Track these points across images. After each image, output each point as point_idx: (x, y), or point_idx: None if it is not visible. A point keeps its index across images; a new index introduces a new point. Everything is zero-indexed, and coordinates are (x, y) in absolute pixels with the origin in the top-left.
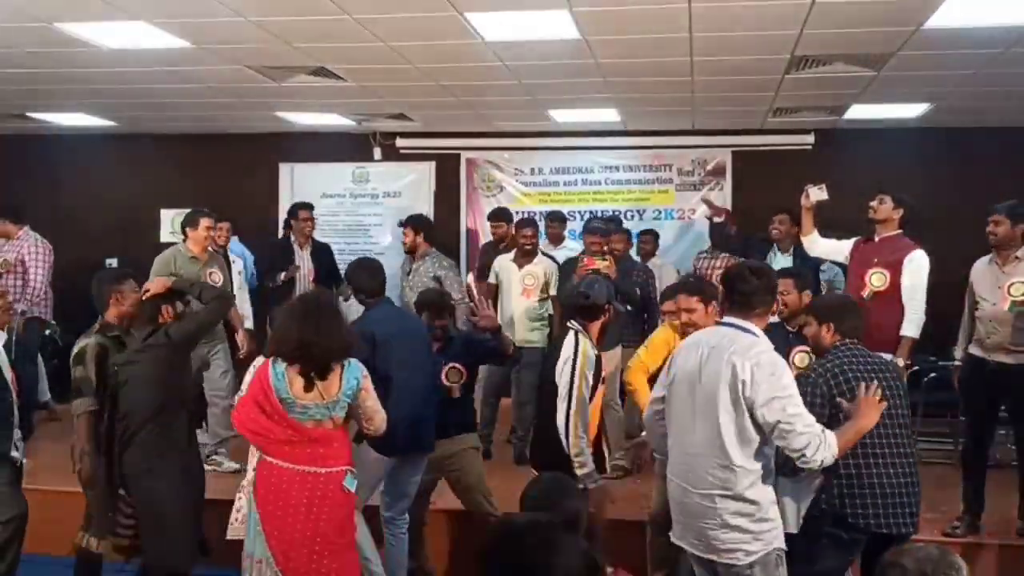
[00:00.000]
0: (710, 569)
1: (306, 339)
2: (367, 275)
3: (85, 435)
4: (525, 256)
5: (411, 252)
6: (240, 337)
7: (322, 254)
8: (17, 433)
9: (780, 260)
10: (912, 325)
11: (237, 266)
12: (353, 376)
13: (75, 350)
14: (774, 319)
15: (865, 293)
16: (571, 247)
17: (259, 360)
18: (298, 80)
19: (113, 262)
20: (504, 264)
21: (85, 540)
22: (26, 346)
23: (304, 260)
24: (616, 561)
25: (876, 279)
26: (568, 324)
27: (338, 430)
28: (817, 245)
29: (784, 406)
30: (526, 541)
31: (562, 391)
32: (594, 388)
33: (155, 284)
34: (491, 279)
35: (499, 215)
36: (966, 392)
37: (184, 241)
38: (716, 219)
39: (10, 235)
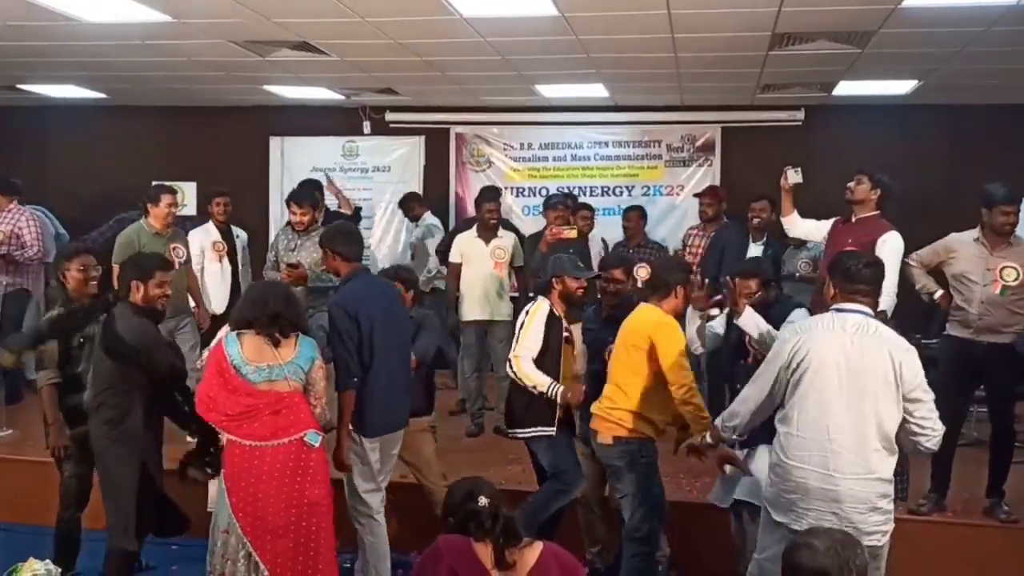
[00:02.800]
0: None
1: (278, 311)
2: (350, 240)
3: (49, 407)
4: (489, 230)
5: (305, 229)
6: (199, 312)
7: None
8: None
9: (753, 249)
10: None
11: (241, 240)
12: (309, 348)
13: (41, 322)
14: None
15: None
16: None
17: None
18: (282, 55)
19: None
20: (468, 240)
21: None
22: (12, 318)
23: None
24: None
25: None
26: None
27: (295, 393)
28: (796, 226)
29: (926, 390)
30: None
31: (513, 343)
32: (556, 346)
33: None
34: (455, 258)
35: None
36: (947, 373)
37: (145, 217)
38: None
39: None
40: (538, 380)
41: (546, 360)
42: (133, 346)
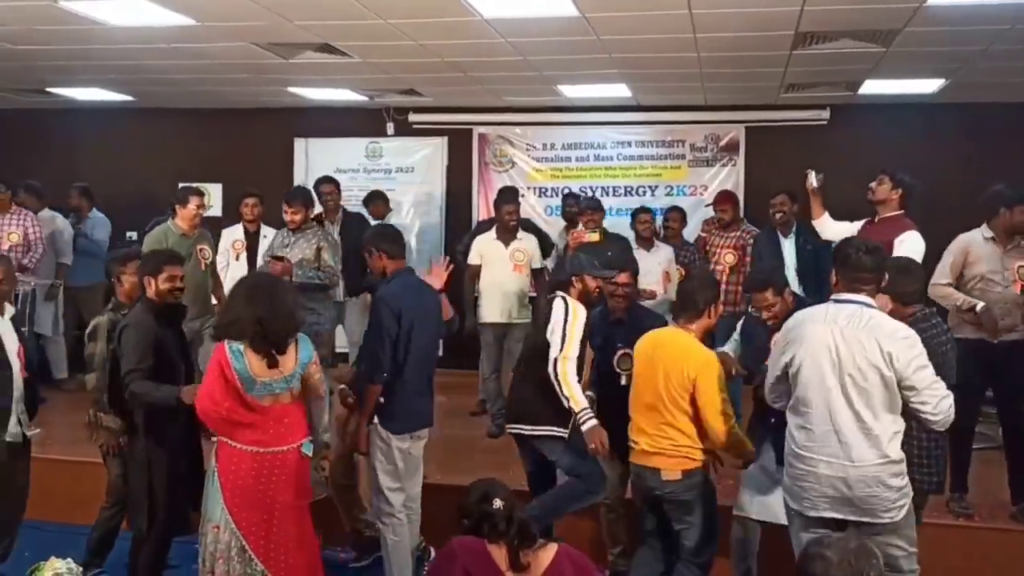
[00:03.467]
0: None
1: (261, 317)
2: (392, 239)
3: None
4: (509, 232)
5: (297, 227)
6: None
7: (353, 227)
8: (19, 407)
9: (786, 246)
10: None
11: (268, 240)
12: (306, 349)
13: (89, 328)
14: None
15: None
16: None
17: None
18: (305, 57)
19: (133, 235)
20: (487, 242)
21: None
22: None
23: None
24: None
25: None
26: (551, 295)
27: (295, 403)
28: (828, 228)
29: (922, 377)
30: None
31: (555, 345)
32: (582, 349)
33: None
34: (474, 259)
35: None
36: (962, 374)
37: (173, 218)
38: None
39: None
40: (577, 398)
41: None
42: (120, 342)
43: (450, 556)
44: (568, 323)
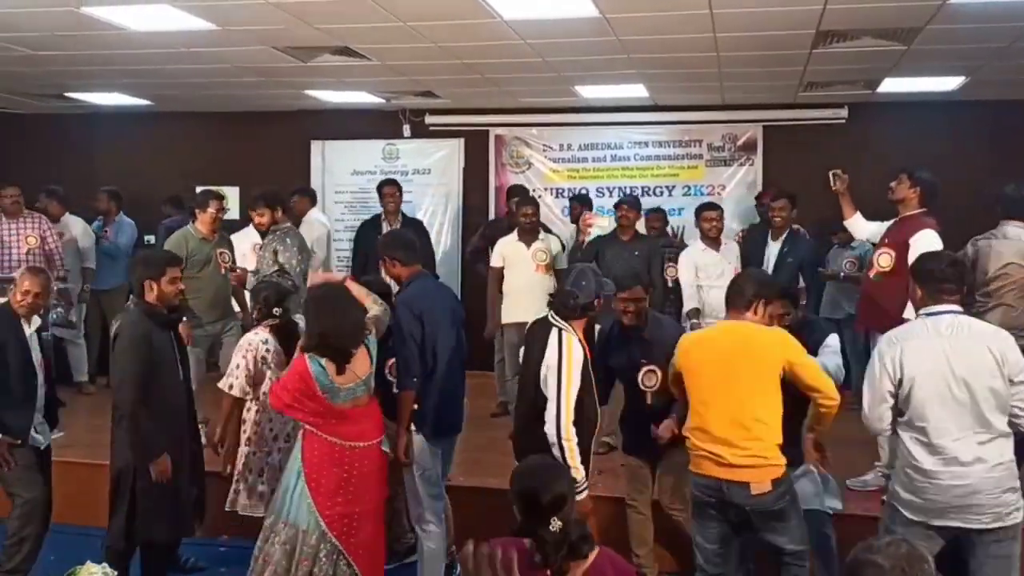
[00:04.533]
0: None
1: (325, 331)
2: (404, 244)
3: None
4: (529, 233)
5: (267, 229)
6: (244, 316)
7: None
8: (37, 418)
9: (771, 248)
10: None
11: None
12: (374, 347)
13: (114, 329)
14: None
15: (872, 274)
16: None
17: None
18: (323, 59)
19: (150, 239)
20: (510, 244)
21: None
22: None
23: None
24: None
25: (883, 259)
26: (550, 318)
27: (372, 403)
28: (860, 228)
29: None
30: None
31: (551, 397)
32: (590, 387)
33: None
34: (496, 262)
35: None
36: None
37: (193, 222)
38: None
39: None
40: (578, 469)
41: (586, 404)
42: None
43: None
44: (564, 368)
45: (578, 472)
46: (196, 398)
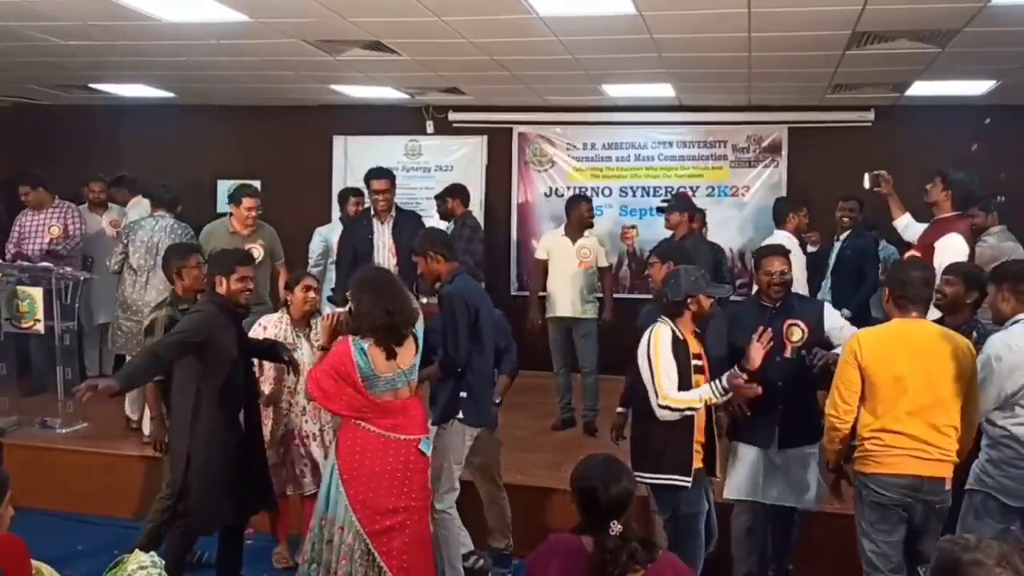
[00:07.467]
0: None
1: (391, 309)
2: (444, 241)
3: (153, 402)
4: (578, 230)
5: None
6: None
7: (405, 227)
8: None
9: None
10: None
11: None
12: (420, 338)
13: (146, 322)
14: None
15: None
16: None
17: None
18: (353, 54)
19: None
20: (556, 239)
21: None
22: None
23: (383, 234)
24: None
25: None
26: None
27: (414, 396)
28: (911, 229)
29: None
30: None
31: (645, 377)
32: (685, 373)
33: None
34: (541, 255)
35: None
36: None
37: (230, 216)
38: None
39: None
40: (693, 397)
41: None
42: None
43: (548, 553)
44: (652, 358)
45: (698, 399)
46: None
